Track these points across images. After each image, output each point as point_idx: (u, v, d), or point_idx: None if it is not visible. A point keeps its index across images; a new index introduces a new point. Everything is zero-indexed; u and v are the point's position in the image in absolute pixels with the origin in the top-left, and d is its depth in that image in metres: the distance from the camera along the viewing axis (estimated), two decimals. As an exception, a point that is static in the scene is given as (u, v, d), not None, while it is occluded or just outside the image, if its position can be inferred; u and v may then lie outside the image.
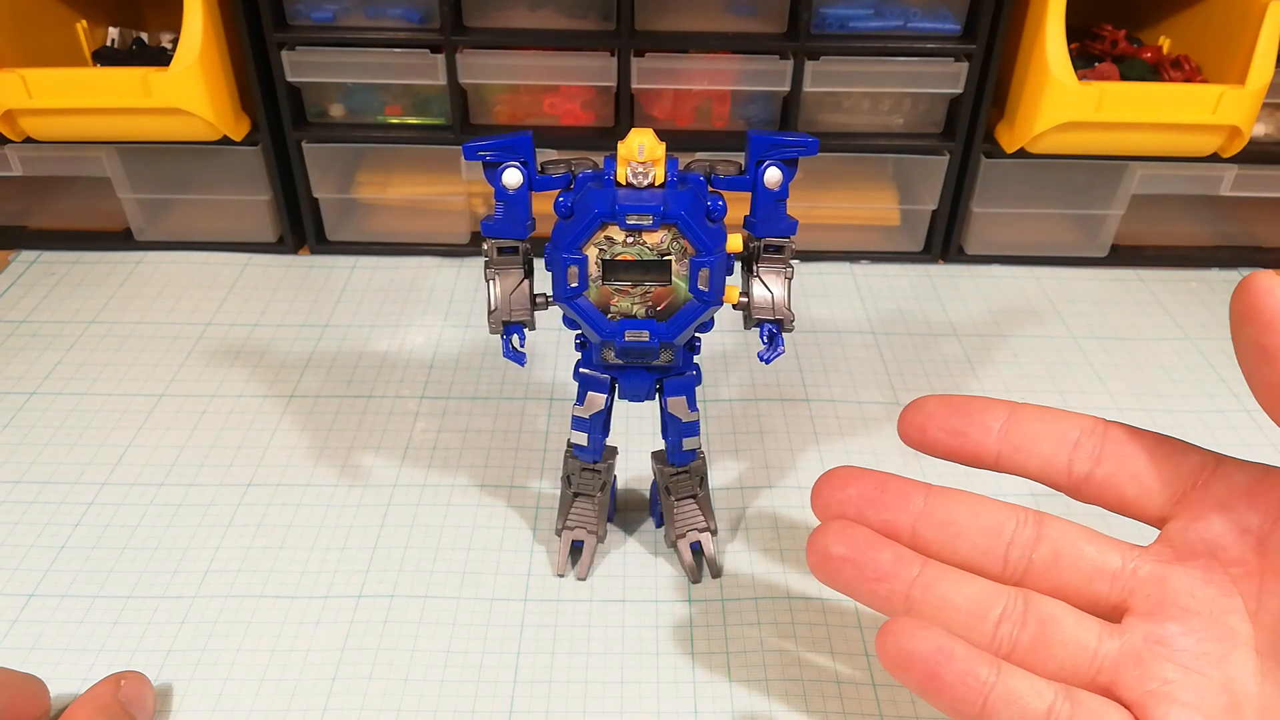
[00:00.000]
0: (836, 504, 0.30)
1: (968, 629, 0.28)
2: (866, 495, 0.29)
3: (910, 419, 0.30)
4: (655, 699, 0.38)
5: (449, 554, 0.44)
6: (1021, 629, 0.28)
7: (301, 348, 0.58)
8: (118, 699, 0.35)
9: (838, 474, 0.30)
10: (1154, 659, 0.27)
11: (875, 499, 0.29)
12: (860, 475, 0.30)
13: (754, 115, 0.65)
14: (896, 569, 0.28)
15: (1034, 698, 0.26)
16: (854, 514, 0.29)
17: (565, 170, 0.36)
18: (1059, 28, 0.58)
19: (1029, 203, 0.67)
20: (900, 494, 0.29)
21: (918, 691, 0.27)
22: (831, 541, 0.29)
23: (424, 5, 0.60)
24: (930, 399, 0.30)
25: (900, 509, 0.29)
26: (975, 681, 0.26)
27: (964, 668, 0.27)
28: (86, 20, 0.67)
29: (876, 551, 0.29)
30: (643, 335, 0.36)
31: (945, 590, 0.28)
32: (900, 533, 0.29)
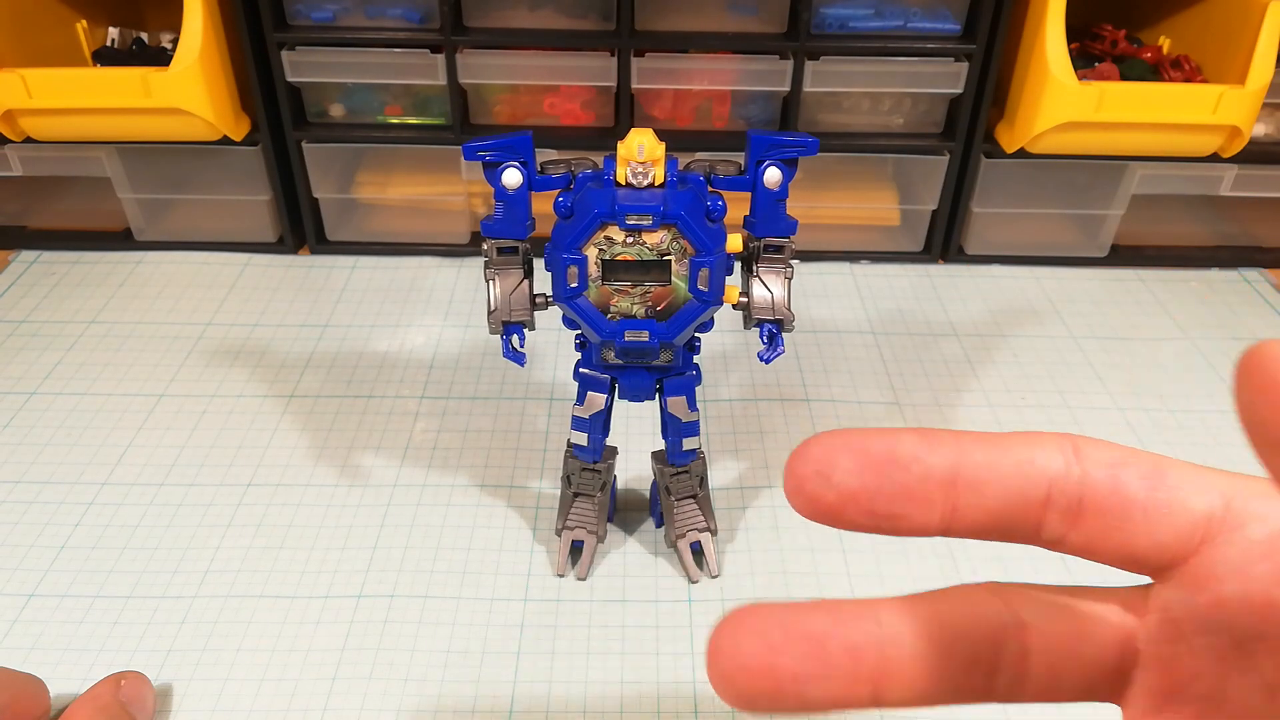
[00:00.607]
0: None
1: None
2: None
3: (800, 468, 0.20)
4: (655, 699, 0.38)
5: (449, 554, 0.44)
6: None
7: (301, 348, 0.58)
8: (118, 699, 0.35)
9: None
10: None
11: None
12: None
13: (754, 115, 0.65)
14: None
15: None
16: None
17: (565, 170, 0.36)
18: (1059, 28, 0.58)
19: (1029, 203, 0.67)
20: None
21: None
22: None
23: (424, 5, 0.60)
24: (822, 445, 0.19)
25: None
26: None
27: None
28: (86, 20, 0.67)
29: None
30: (642, 335, 0.36)
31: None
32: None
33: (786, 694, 0.19)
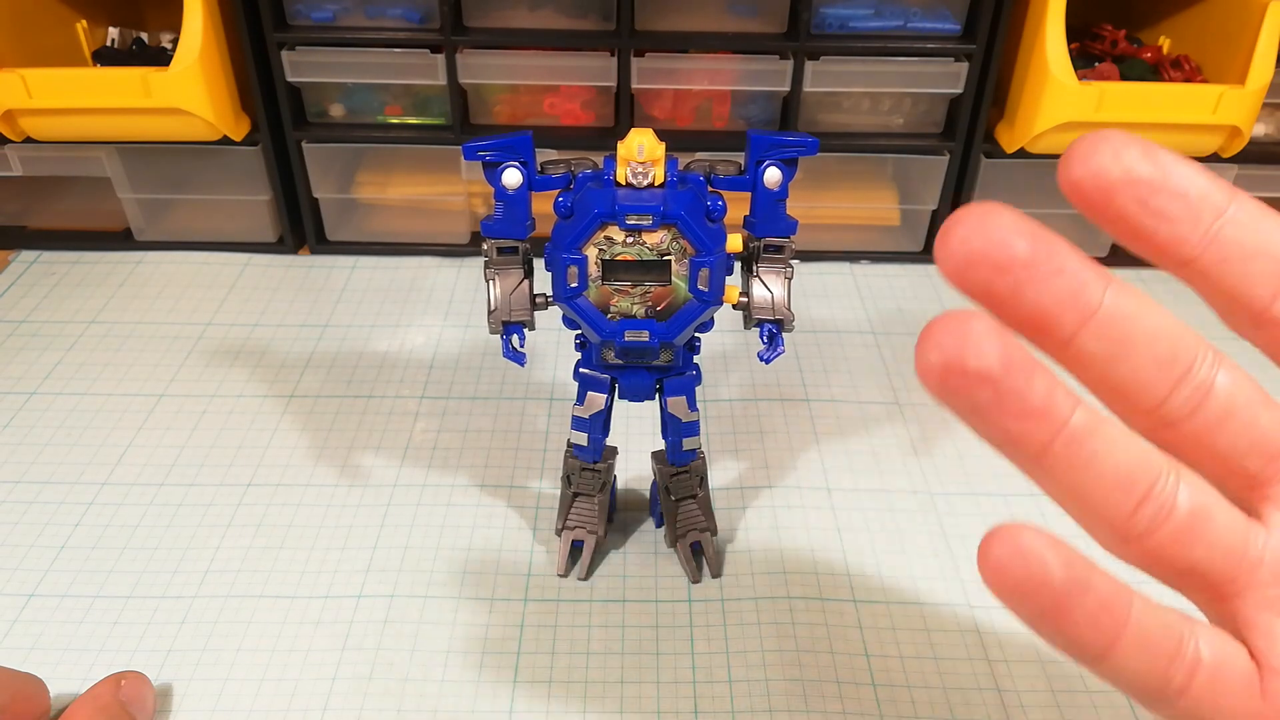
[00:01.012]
0: (976, 257, 0.20)
1: (1105, 502, 0.21)
2: (1028, 257, 0.20)
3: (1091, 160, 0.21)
4: (655, 699, 0.38)
5: (449, 554, 0.44)
6: (1168, 517, 0.21)
7: (301, 348, 0.58)
8: (118, 699, 0.35)
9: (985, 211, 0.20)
10: None
11: (1040, 267, 0.20)
12: (1019, 225, 0.20)
13: (754, 115, 0.65)
14: (1049, 407, 0.20)
15: (1163, 636, 0.21)
16: (1003, 286, 0.20)
17: (565, 170, 0.36)
18: (1059, 28, 0.58)
19: (1029, 203, 0.67)
20: (1075, 277, 0.21)
21: (1033, 624, 0.21)
22: (971, 347, 0.20)
23: (424, 5, 0.60)
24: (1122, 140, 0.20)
25: (1073, 297, 0.20)
26: (1110, 619, 0.21)
27: (1100, 604, 0.21)
28: (86, 20, 0.67)
29: (1030, 378, 0.20)
30: (643, 335, 0.36)
31: (1096, 449, 0.21)
32: (1054, 333, 0.21)
33: None
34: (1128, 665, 0.21)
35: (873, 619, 0.42)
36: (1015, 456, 0.21)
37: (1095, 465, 0.21)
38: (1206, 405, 0.22)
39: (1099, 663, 0.21)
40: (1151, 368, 0.21)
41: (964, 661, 0.40)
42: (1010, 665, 0.40)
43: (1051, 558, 0.20)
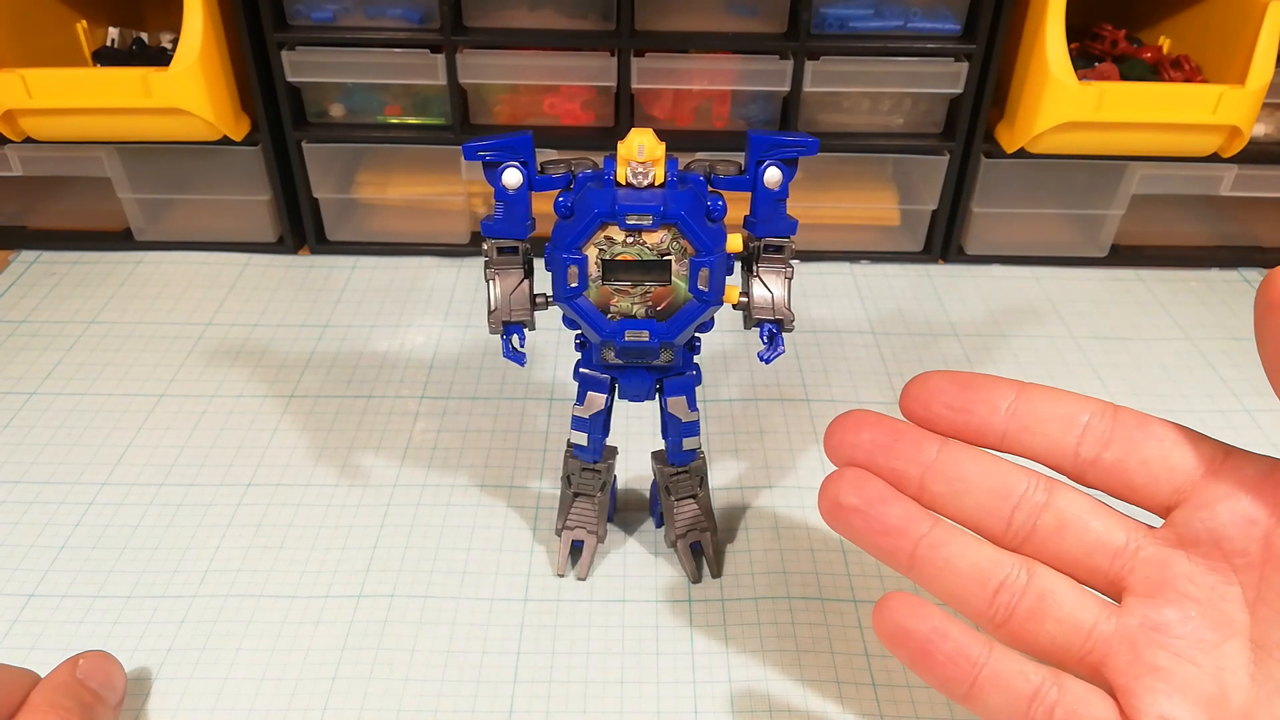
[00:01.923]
0: (848, 448, 0.29)
1: (966, 594, 0.28)
2: (879, 442, 0.29)
3: (914, 394, 0.29)
4: (655, 699, 0.38)
5: (449, 554, 0.44)
6: (1020, 600, 0.28)
7: (301, 348, 0.58)
8: (75, 677, 0.34)
9: (852, 418, 0.30)
10: (1147, 644, 0.27)
11: (887, 446, 0.29)
12: (875, 421, 0.29)
13: (754, 115, 0.65)
14: (905, 525, 0.28)
15: (1020, 680, 0.27)
16: (865, 460, 0.29)
17: (565, 170, 0.36)
18: (1059, 28, 0.58)
19: (1029, 203, 0.67)
20: (913, 444, 0.29)
21: (910, 666, 0.28)
22: (844, 491, 0.29)
23: (424, 5, 0.60)
24: (935, 375, 0.29)
25: (911, 459, 0.29)
26: (965, 662, 0.27)
27: (955, 648, 0.27)
28: (86, 20, 0.67)
29: (887, 506, 0.28)
30: (643, 335, 0.36)
31: (950, 553, 0.28)
32: (908, 484, 0.29)
33: None
34: (989, 702, 0.27)
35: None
36: (893, 564, 0.29)
37: (952, 566, 0.28)
38: (1043, 520, 0.28)
39: (966, 700, 0.27)
40: (987, 498, 0.29)
41: (964, 661, 0.40)
42: (1010, 665, 0.40)
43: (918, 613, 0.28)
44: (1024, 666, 0.27)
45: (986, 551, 0.28)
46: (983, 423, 0.29)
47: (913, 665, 0.28)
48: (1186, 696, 0.26)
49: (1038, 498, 0.28)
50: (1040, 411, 0.28)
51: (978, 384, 0.29)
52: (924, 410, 0.29)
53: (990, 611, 0.28)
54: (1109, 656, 0.27)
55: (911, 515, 0.28)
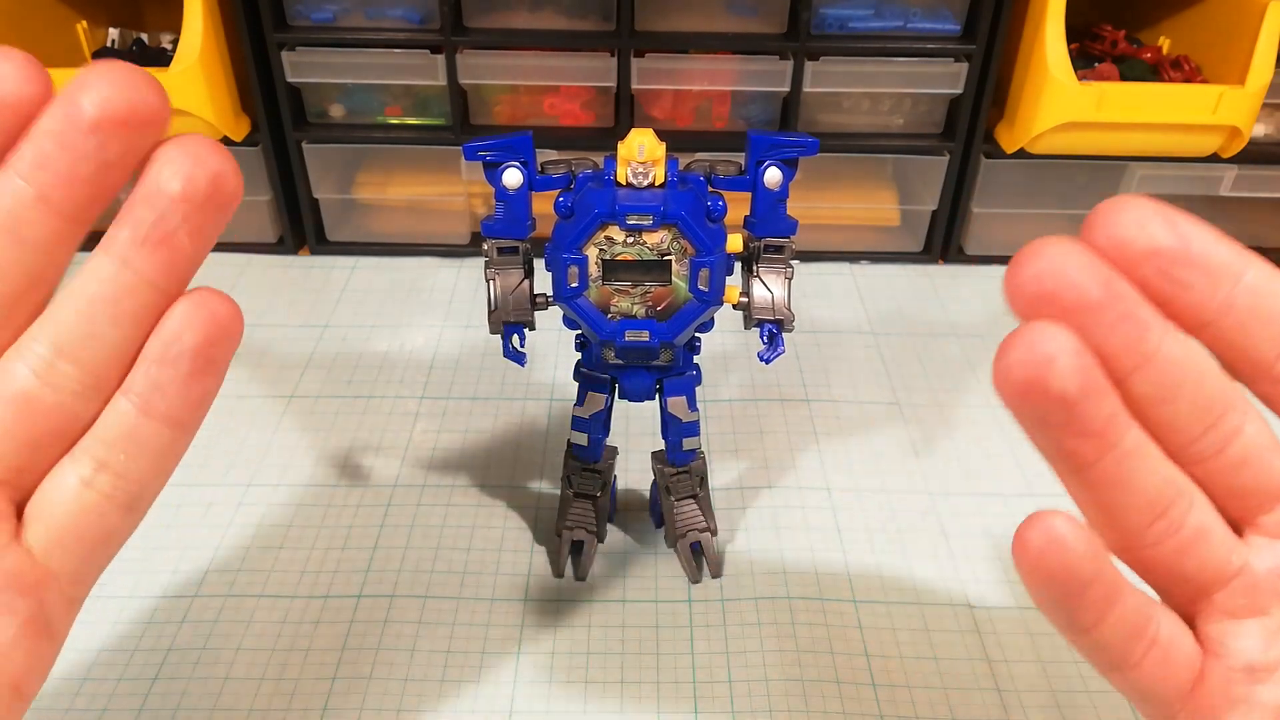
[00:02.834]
0: (1048, 296, 0.21)
1: (1123, 513, 0.23)
2: (1098, 302, 0.21)
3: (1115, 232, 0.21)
4: (655, 699, 0.38)
5: (449, 554, 0.44)
6: (1175, 534, 0.23)
7: (301, 348, 0.58)
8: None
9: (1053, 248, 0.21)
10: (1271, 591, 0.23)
11: (1108, 312, 0.21)
12: (1088, 264, 0.21)
13: (754, 115, 0.65)
14: (1107, 431, 0.22)
15: (1137, 615, 0.24)
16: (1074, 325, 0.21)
17: (565, 170, 0.36)
18: (1059, 28, 0.58)
19: (1029, 203, 0.67)
20: (1139, 324, 0.21)
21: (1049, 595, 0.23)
22: (1060, 367, 0.21)
23: (424, 5, 0.60)
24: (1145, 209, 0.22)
25: (1133, 343, 0.21)
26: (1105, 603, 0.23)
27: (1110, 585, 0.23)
28: (86, 21, 0.67)
29: (1099, 403, 0.21)
30: (643, 335, 0.36)
31: (1132, 469, 0.22)
32: (1113, 370, 0.22)
33: None
34: (1103, 639, 0.24)
35: (873, 619, 0.42)
36: (1059, 466, 0.23)
37: (1129, 484, 0.23)
38: (1229, 450, 0.23)
39: (1082, 635, 0.24)
40: (1189, 413, 0.23)
41: (964, 662, 0.40)
42: (1010, 665, 0.40)
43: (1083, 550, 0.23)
44: (1139, 600, 0.24)
45: (1164, 473, 0.23)
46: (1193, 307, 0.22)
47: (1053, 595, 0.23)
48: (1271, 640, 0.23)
49: (1234, 422, 0.23)
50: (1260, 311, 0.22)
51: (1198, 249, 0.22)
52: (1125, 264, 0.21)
53: (1140, 537, 0.23)
54: (1221, 595, 0.24)
55: (1116, 418, 0.22)
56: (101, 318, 0.24)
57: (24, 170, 0.23)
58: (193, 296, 0.25)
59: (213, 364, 0.26)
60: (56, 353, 0.23)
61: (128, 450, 0.25)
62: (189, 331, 0.25)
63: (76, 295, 0.24)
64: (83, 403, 0.24)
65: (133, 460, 0.25)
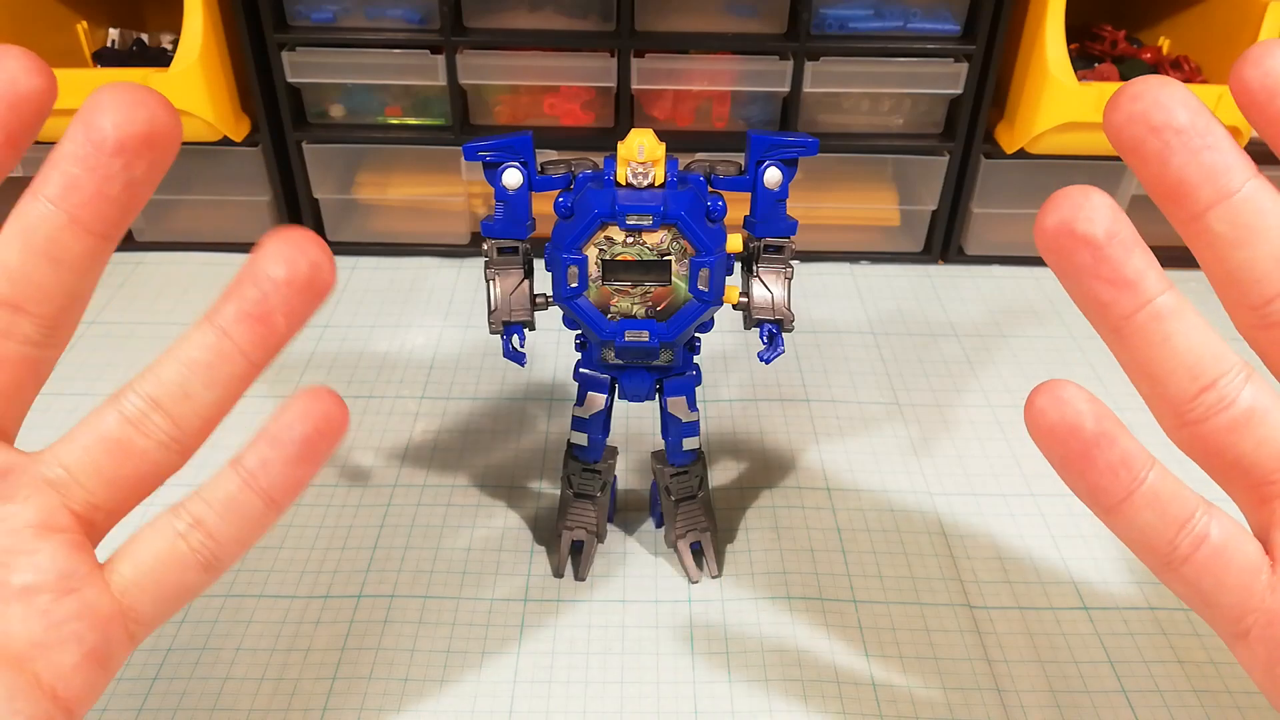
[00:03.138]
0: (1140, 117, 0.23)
1: (1169, 380, 0.24)
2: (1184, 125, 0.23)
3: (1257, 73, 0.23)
4: (655, 699, 0.38)
5: (449, 554, 0.45)
6: (1227, 408, 0.23)
7: (301, 348, 0.58)
8: None
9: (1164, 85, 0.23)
10: None
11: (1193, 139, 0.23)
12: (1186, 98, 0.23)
13: (754, 116, 0.65)
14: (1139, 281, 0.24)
15: (1177, 504, 0.24)
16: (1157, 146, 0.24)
17: (565, 170, 0.36)
18: (1059, 28, 0.58)
19: (1029, 203, 0.67)
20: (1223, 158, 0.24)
21: (1059, 466, 0.24)
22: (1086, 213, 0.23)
23: (424, 5, 0.60)
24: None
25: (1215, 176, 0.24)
26: (1127, 474, 0.24)
27: (1120, 458, 0.24)
28: (87, 21, 0.67)
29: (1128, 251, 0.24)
30: (643, 335, 0.36)
31: (1173, 329, 0.24)
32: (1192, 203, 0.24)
33: None
34: (1137, 520, 0.24)
35: (873, 619, 0.42)
36: (1098, 322, 0.24)
37: (1169, 345, 0.23)
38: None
39: (1112, 513, 0.24)
40: (1269, 262, 0.23)
41: (964, 662, 0.40)
42: (1010, 665, 0.40)
43: (1086, 410, 0.24)
44: (1180, 490, 0.24)
45: (1213, 342, 0.24)
46: None
47: (1065, 464, 0.24)
48: None
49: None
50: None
51: None
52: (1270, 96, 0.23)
53: (1187, 408, 0.24)
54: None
55: (1149, 271, 0.24)
56: (198, 380, 0.27)
57: (53, 194, 0.25)
58: (311, 392, 0.28)
59: (316, 454, 0.28)
60: (153, 405, 0.26)
61: (224, 515, 0.28)
62: (301, 423, 0.28)
63: (178, 356, 0.26)
64: (167, 454, 0.27)
65: (226, 525, 0.28)
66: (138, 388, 0.26)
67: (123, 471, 0.26)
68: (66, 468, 0.26)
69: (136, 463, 0.26)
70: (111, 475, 0.26)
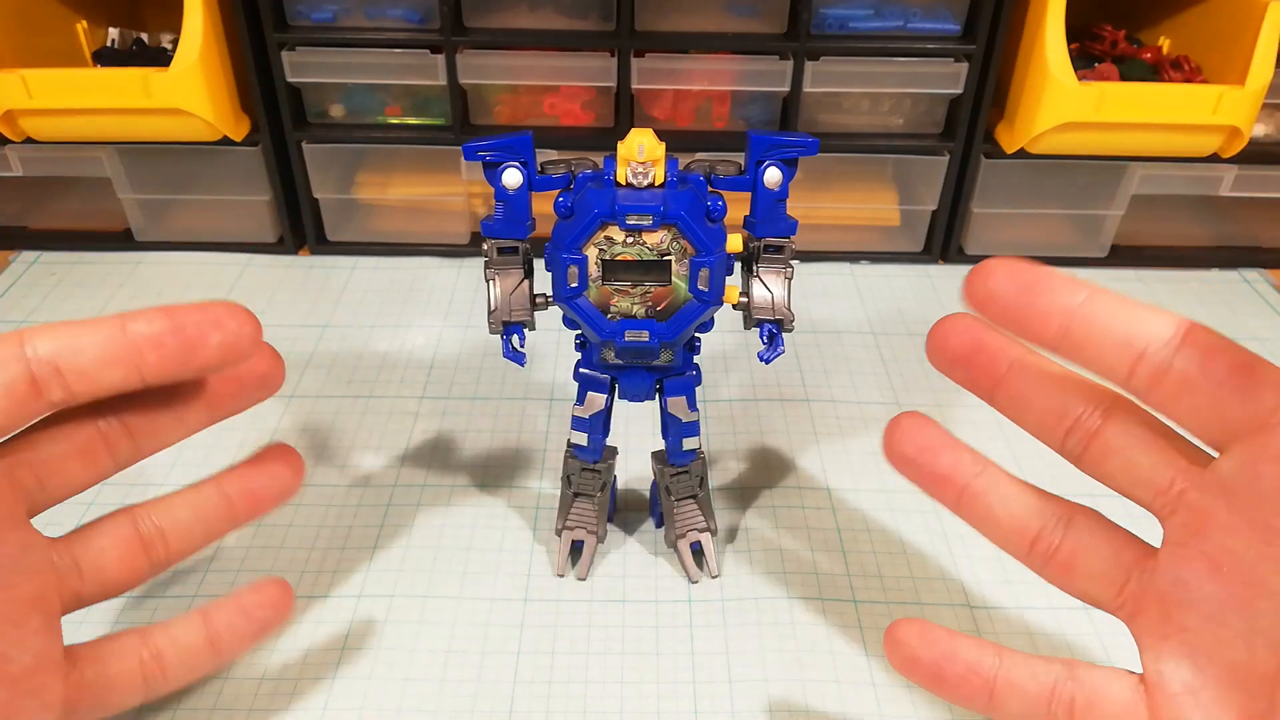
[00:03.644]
0: (937, 354, 0.31)
1: (1006, 540, 0.30)
2: (964, 349, 0.30)
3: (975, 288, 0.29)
4: (655, 699, 0.38)
5: (449, 554, 0.45)
6: (1055, 553, 0.29)
7: (301, 348, 0.58)
8: None
9: (951, 326, 0.30)
10: (1176, 604, 0.26)
11: (966, 359, 0.30)
12: (966, 328, 0.30)
13: (754, 115, 0.65)
14: (952, 473, 0.30)
15: (1033, 683, 0.28)
16: (947, 367, 0.30)
17: (565, 170, 0.36)
18: (1059, 28, 0.58)
19: (1029, 203, 0.67)
20: (989, 357, 0.30)
21: (927, 689, 0.29)
22: (900, 440, 0.31)
23: (424, 5, 0.60)
24: (998, 268, 0.29)
25: (985, 372, 0.30)
26: (978, 678, 0.29)
27: (966, 668, 0.29)
28: (86, 20, 0.67)
29: (936, 455, 0.31)
30: (643, 335, 0.36)
31: (991, 503, 0.30)
32: (981, 391, 0.30)
33: None
34: (1011, 709, 0.28)
35: (873, 619, 0.42)
36: (945, 505, 0.31)
37: (993, 515, 0.30)
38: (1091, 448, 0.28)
39: (989, 711, 0.29)
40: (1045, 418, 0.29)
41: (964, 661, 0.40)
42: (1010, 665, 0.40)
43: (918, 642, 0.30)
44: (1034, 668, 0.28)
45: (1028, 502, 0.30)
46: (1036, 334, 0.28)
47: (929, 689, 0.30)
48: (1212, 661, 0.26)
49: (1091, 423, 0.28)
50: (1095, 331, 0.27)
51: (1036, 286, 0.28)
52: (982, 308, 0.29)
53: (1029, 558, 0.29)
54: (1138, 614, 0.28)
55: (960, 463, 0.30)
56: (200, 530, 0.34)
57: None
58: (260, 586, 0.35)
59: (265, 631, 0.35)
60: (159, 534, 0.33)
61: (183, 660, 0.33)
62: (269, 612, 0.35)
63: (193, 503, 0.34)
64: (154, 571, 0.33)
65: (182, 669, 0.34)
66: (155, 516, 0.33)
67: (119, 578, 0.32)
68: (76, 560, 0.31)
69: (133, 576, 0.32)
70: (110, 578, 0.31)
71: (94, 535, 0.32)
